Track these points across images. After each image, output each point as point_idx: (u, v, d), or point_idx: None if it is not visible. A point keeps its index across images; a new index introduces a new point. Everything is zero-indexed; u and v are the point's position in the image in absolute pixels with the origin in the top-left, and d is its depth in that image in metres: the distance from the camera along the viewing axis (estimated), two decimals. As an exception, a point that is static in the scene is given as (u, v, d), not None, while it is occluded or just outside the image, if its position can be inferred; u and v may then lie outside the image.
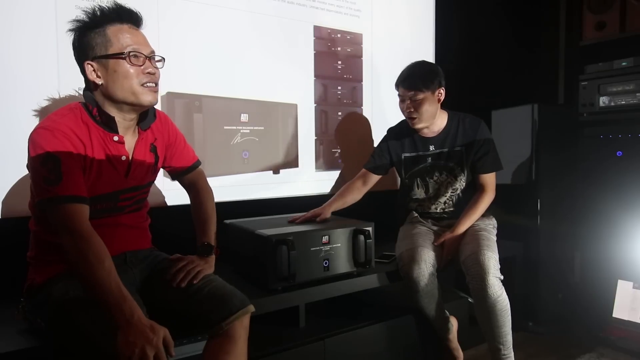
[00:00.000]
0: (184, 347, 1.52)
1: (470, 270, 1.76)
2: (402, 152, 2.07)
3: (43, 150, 1.13)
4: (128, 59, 1.21)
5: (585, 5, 2.69)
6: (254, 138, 2.15)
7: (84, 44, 1.22)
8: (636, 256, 2.35)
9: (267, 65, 2.17)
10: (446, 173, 2.02)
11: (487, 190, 1.99)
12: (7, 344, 1.23)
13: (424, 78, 1.92)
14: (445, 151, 2.01)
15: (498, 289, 1.71)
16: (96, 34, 1.22)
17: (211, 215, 1.52)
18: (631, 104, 2.44)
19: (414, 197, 2.10)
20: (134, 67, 1.22)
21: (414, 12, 2.69)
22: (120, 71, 1.21)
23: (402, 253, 1.87)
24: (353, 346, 1.83)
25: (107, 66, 1.21)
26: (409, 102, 1.94)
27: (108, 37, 1.21)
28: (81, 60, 1.24)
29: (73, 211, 1.13)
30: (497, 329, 1.73)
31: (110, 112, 1.26)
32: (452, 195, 2.04)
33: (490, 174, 2.00)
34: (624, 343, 2.22)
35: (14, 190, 1.61)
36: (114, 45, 1.21)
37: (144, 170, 1.37)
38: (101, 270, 1.09)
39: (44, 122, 1.19)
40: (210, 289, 1.30)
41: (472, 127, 2.00)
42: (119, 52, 1.21)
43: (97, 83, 1.23)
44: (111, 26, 1.22)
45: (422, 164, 2.03)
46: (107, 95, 1.24)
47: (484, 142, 1.98)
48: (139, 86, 1.23)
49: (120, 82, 1.22)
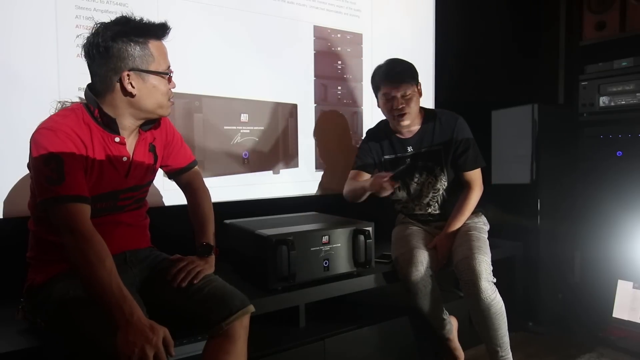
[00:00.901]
0: (184, 347, 1.52)
1: (463, 275, 1.75)
2: (382, 154, 2.05)
3: (46, 150, 1.14)
4: (168, 79, 1.29)
5: (585, 5, 2.69)
6: (254, 138, 2.15)
7: (121, 51, 1.20)
8: (636, 256, 2.35)
9: (267, 65, 2.17)
10: (426, 173, 2.00)
11: (473, 187, 1.96)
12: (7, 344, 1.23)
13: (409, 72, 1.91)
14: (423, 151, 1.98)
15: (491, 293, 1.70)
16: (137, 44, 1.22)
17: (209, 216, 1.52)
18: (631, 104, 2.45)
19: (396, 199, 2.09)
20: (168, 85, 1.30)
21: (414, 12, 2.69)
22: (159, 87, 1.28)
23: (397, 257, 1.86)
24: (353, 346, 1.83)
25: (146, 80, 1.25)
26: (400, 98, 1.90)
27: (150, 51, 1.25)
28: (113, 66, 1.21)
29: (75, 211, 1.14)
30: (494, 331, 1.73)
31: (124, 116, 1.27)
32: (434, 195, 2.01)
33: (474, 171, 1.97)
34: (624, 343, 2.22)
35: (14, 190, 1.61)
36: (156, 61, 1.26)
37: (143, 170, 1.38)
38: (102, 269, 1.09)
39: (46, 122, 1.20)
40: (210, 289, 1.30)
41: (448, 125, 1.96)
42: (163, 71, 1.28)
43: (131, 93, 1.24)
44: (153, 41, 1.26)
45: (401, 165, 1.99)
46: (135, 105, 1.26)
47: (463, 140, 1.94)
48: (166, 101, 1.31)
49: (155, 97, 1.28)
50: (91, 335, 1.09)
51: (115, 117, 1.26)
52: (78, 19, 1.68)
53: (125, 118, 1.28)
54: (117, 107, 1.26)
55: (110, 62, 1.21)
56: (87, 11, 1.70)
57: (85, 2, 1.70)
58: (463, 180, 1.98)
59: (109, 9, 1.75)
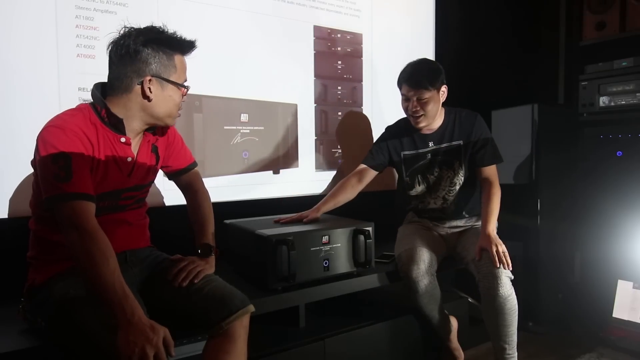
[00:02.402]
0: (184, 347, 1.52)
1: (483, 268, 1.76)
2: (402, 150, 2.06)
3: (55, 148, 1.15)
4: (183, 91, 1.35)
5: (585, 5, 2.69)
6: (254, 138, 2.15)
7: (149, 55, 1.26)
8: (636, 256, 2.35)
9: (267, 65, 2.17)
10: (446, 168, 2.02)
11: (494, 183, 1.96)
12: (7, 344, 1.23)
13: (430, 76, 1.89)
14: (444, 146, 2.00)
15: (509, 288, 1.72)
16: (165, 54, 1.29)
17: (209, 217, 1.53)
18: (631, 104, 2.45)
19: (414, 195, 2.09)
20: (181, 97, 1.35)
21: (414, 11, 2.69)
22: (174, 98, 1.33)
23: (400, 253, 1.87)
24: (353, 346, 1.83)
25: (164, 88, 1.30)
26: (415, 101, 1.91)
27: (174, 63, 1.31)
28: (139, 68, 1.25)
29: (81, 208, 1.14)
30: (505, 328, 1.74)
31: (133, 118, 1.30)
32: (450, 189, 2.03)
33: (491, 167, 1.98)
34: (624, 343, 2.22)
35: (14, 190, 1.61)
36: (177, 73, 1.32)
37: (145, 170, 1.39)
38: (105, 267, 1.10)
39: (54, 120, 1.21)
40: (211, 288, 1.30)
41: (468, 121, 1.99)
42: (181, 82, 1.34)
43: (149, 97, 1.28)
44: (179, 55, 1.33)
45: (422, 160, 2.02)
46: (147, 109, 1.30)
47: (482, 135, 1.97)
48: (176, 112, 1.36)
49: (169, 106, 1.32)
50: (91, 335, 1.09)
51: (123, 117, 1.27)
52: (78, 19, 1.69)
53: (134, 120, 1.30)
54: (129, 109, 1.28)
55: (136, 64, 1.25)
56: (87, 11, 1.70)
57: (85, 2, 1.70)
58: (481, 178, 1.98)
59: (109, 9, 1.75)
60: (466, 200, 2.04)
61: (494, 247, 1.75)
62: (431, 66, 1.95)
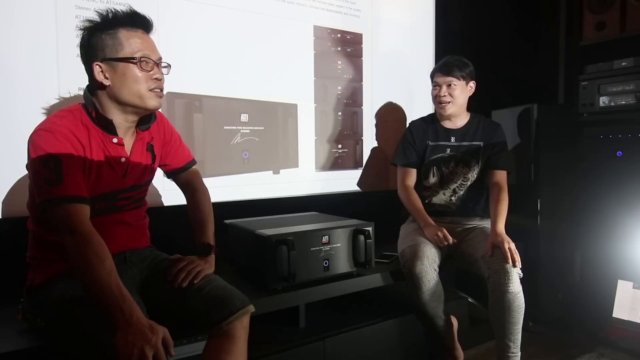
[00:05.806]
0: (184, 347, 1.52)
1: (494, 264, 1.77)
2: (427, 139, 2.13)
3: (44, 151, 1.14)
4: (139, 65, 1.24)
5: (585, 5, 2.69)
6: (254, 138, 2.15)
7: (94, 44, 1.23)
8: (636, 256, 2.35)
9: (267, 65, 2.17)
10: (462, 164, 2.09)
11: (503, 189, 2.02)
12: (7, 344, 1.23)
13: (460, 66, 2.04)
14: (465, 144, 2.09)
15: (518, 285, 1.73)
16: (107, 35, 1.23)
17: (209, 216, 1.52)
18: (631, 104, 2.44)
19: (426, 185, 2.13)
20: (143, 72, 1.25)
21: (414, 12, 2.69)
22: (129, 75, 1.24)
23: (404, 249, 1.87)
24: (353, 346, 1.83)
25: (116, 69, 1.23)
26: (444, 87, 2.04)
27: (120, 40, 1.23)
28: (89, 61, 1.24)
29: (74, 211, 1.14)
30: (511, 325, 1.74)
31: (112, 113, 1.27)
32: (463, 183, 2.09)
33: (503, 173, 2.06)
34: (624, 343, 2.22)
35: (13, 190, 1.61)
36: (125, 49, 1.23)
37: (141, 170, 1.38)
38: (101, 269, 1.09)
39: (43, 123, 1.20)
40: (210, 288, 1.30)
41: (491, 127, 2.12)
42: (130, 56, 1.23)
43: (104, 84, 1.24)
44: (124, 30, 1.24)
45: (441, 153, 2.10)
46: (113, 97, 1.25)
47: (501, 142, 2.10)
48: (146, 91, 1.26)
49: (129, 86, 1.24)
50: (91, 336, 1.09)
51: (105, 114, 1.26)
52: (78, 19, 1.68)
53: (114, 115, 1.27)
54: (103, 105, 1.27)
55: (89, 57, 1.24)
56: (87, 11, 1.69)
57: (85, 2, 1.70)
58: (492, 182, 2.06)
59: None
60: (471, 201, 2.10)
61: (506, 244, 1.78)
62: (463, 60, 2.09)
